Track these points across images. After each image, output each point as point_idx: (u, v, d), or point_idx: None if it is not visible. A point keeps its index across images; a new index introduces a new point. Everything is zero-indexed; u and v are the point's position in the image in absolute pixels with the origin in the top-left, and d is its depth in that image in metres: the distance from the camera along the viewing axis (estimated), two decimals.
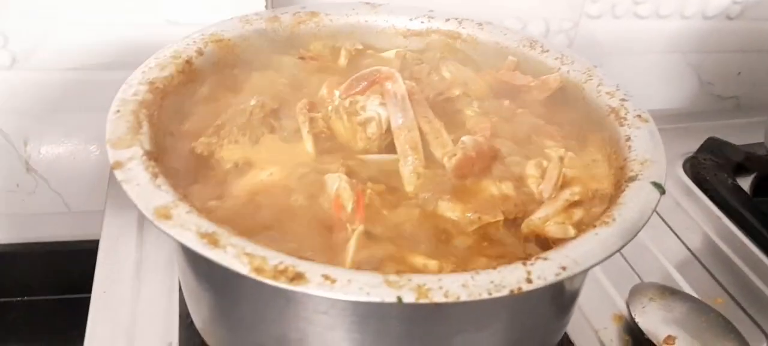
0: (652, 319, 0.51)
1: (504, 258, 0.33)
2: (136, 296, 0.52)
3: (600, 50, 0.82)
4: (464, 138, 0.38)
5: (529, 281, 0.28)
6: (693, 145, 0.75)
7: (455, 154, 0.36)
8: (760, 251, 0.61)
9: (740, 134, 0.75)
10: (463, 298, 0.27)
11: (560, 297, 0.37)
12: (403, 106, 0.38)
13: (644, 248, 0.62)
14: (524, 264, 0.29)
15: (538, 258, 0.29)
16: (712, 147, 0.72)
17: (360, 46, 0.50)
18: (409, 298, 0.27)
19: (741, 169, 0.72)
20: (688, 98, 0.89)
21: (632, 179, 0.36)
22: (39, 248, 0.78)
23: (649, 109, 0.88)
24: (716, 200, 0.67)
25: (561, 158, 0.37)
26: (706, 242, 0.63)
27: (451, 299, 0.27)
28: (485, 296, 0.27)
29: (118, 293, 0.52)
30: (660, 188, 0.34)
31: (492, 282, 0.28)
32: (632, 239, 0.32)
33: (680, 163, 0.73)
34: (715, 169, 0.70)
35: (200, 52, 0.46)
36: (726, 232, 0.64)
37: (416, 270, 0.32)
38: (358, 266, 0.31)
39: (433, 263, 0.32)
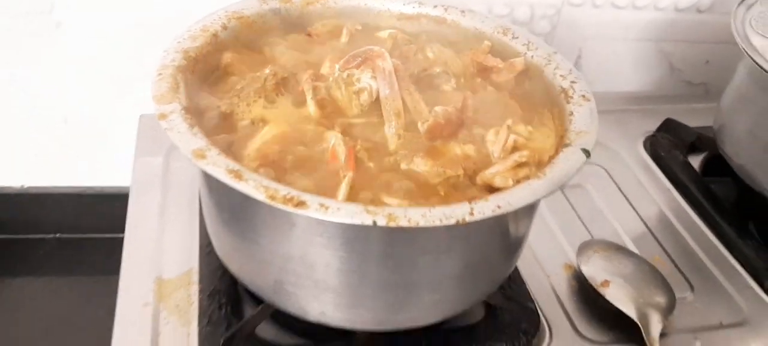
0: (594, 267, 0.61)
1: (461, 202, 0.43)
2: (161, 230, 0.62)
3: (580, 34, 0.90)
4: (437, 108, 0.47)
5: (472, 213, 0.38)
6: (656, 125, 0.84)
7: (428, 120, 0.46)
8: (700, 219, 0.71)
9: (702, 117, 0.84)
10: (422, 224, 0.37)
11: (506, 235, 0.47)
12: (390, 80, 0.48)
13: (600, 212, 0.72)
14: (470, 202, 0.38)
15: (480, 199, 0.39)
16: (669, 127, 0.81)
17: (359, 27, 0.59)
18: (381, 222, 0.37)
19: (694, 149, 0.81)
20: (660, 83, 0.97)
21: (567, 145, 0.45)
22: (70, 190, 0.88)
23: (623, 90, 0.98)
24: (668, 174, 0.77)
25: (509, 126, 0.46)
26: (656, 211, 0.73)
27: (412, 224, 0.37)
28: (437, 223, 0.37)
29: (147, 228, 0.62)
30: (587, 153, 0.44)
31: (444, 213, 0.37)
32: (557, 189, 0.41)
33: (641, 141, 0.83)
34: (670, 147, 0.79)
35: (224, 27, 0.55)
36: (674, 203, 0.74)
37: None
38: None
39: (404, 203, 0.42)
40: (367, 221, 0.37)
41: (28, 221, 0.89)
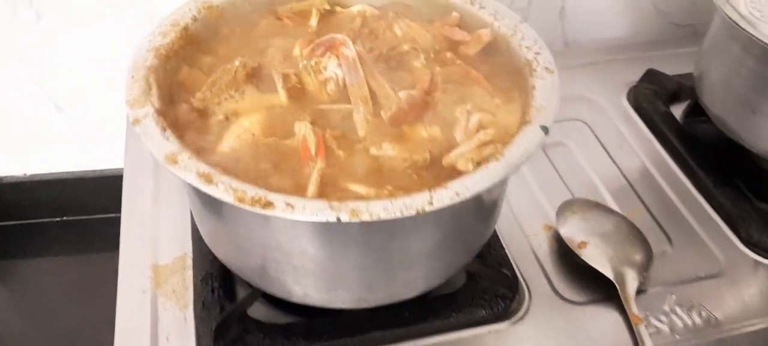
0: (571, 228, 0.63)
1: (427, 187, 0.45)
2: (156, 215, 0.65)
3: None
4: (400, 93, 0.48)
5: (431, 203, 0.40)
6: (640, 74, 0.84)
7: (391, 108, 0.47)
8: (680, 170, 0.72)
9: (687, 63, 0.84)
10: (383, 216, 0.39)
11: (475, 212, 0.49)
12: (354, 67, 0.49)
13: (580, 168, 0.73)
14: (430, 191, 0.40)
15: (440, 187, 0.41)
16: (651, 77, 0.81)
17: (328, 7, 0.60)
18: (344, 218, 0.39)
19: (677, 98, 0.81)
20: (646, 27, 0.96)
21: (527, 123, 0.46)
22: (71, 176, 0.91)
23: (609, 37, 0.97)
24: (650, 125, 0.77)
25: (469, 112, 0.47)
26: (637, 164, 0.74)
27: (374, 218, 0.39)
28: (398, 215, 0.39)
29: (142, 214, 0.65)
30: (545, 130, 0.45)
31: (404, 205, 0.39)
32: (514, 171, 0.43)
33: (625, 92, 0.83)
34: (652, 97, 0.79)
35: (195, 19, 0.56)
36: (655, 155, 0.75)
37: (360, 197, 0.44)
38: (318, 196, 0.43)
39: (371, 191, 0.44)
40: (331, 217, 0.39)
41: (34, 207, 0.93)
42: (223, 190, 0.40)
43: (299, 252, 0.45)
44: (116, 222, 0.65)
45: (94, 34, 0.74)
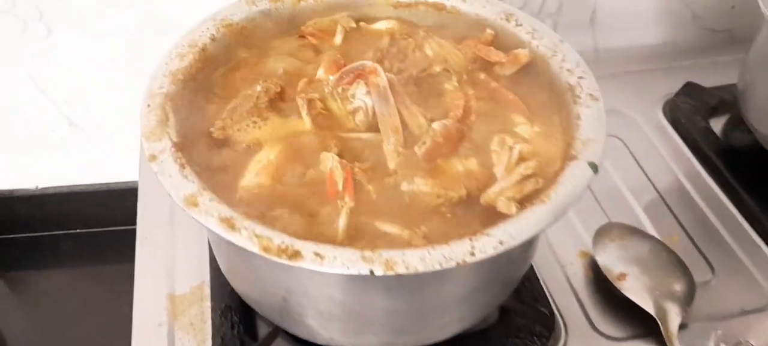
0: (610, 257, 0.59)
1: (463, 228, 0.41)
2: (172, 240, 0.62)
3: None
4: (434, 125, 0.45)
5: (473, 254, 0.36)
6: (677, 85, 0.80)
7: (425, 143, 0.44)
8: (722, 191, 0.68)
9: (726, 72, 0.79)
10: (421, 269, 0.36)
11: (517, 252, 0.45)
12: (385, 96, 0.45)
13: (616, 190, 0.69)
14: (470, 239, 0.37)
15: (481, 234, 0.37)
16: (689, 91, 0.77)
17: (354, 25, 0.56)
18: (378, 271, 0.35)
19: (716, 111, 0.77)
20: (680, 33, 0.92)
21: (573, 157, 0.43)
22: (83, 189, 0.89)
23: (642, 44, 0.93)
24: (689, 142, 0.73)
25: (507, 142, 0.44)
26: (675, 185, 0.70)
27: (411, 271, 0.35)
28: (437, 267, 0.36)
29: (158, 238, 0.62)
30: (594, 168, 0.41)
31: (443, 256, 0.36)
32: (562, 215, 0.39)
33: (660, 105, 0.79)
34: (690, 112, 0.75)
35: (213, 38, 0.52)
36: (694, 173, 0.71)
37: (390, 239, 0.41)
38: (348, 238, 0.40)
39: (405, 233, 0.41)
40: (364, 270, 0.36)
41: (46, 220, 0.91)
42: (246, 237, 0.37)
43: (326, 298, 0.42)
44: (127, 234, 0.63)
45: (106, 47, 0.71)
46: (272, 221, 0.41)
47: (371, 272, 0.35)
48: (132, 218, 0.64)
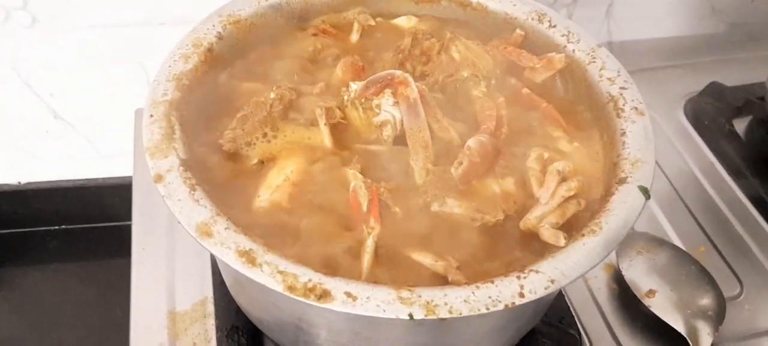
0: (636, 272, 0.56)
1: (502, 257, 0.38)
2: (172, 251, 0.58)
3: None
4: (470, 142, 0.41)
5: (522, 295, 0.33)
6: (698, 84, 0.77)
7: (462, 163, 0.40)
8: (748, 200, 0.65)
9: (748, 69, 0.77)
10: (465, 313, 0.32)
11: None
12: (415, 109, 0.41)
13: None
14: (518, 277, 0.33)
15: (530, 271, 0.34)
16: (713, 91, 0.74)
17: (373, 23, 0.52)
18: (418, 314, 0.32)
19: (740, 112, 0.74)
20: (699, 26, 0.89)
21: (622, 180, 0.39)
22: (70, 184, 0.83)
23: (660, 37, 0.89)
24: (712, 145, 0.70)
25: (545, 159, 0.40)
26: (697, 189, 0.67)
27: (454, 315, 0.32)
28: (483, 311, 0.32)
29: (157, 249, 0.58)
30: (646, 193, 0.38)
31: (490, 297, 0.33)
32: (615, 247, 0.36)
33: (682, 105, 0.76)
34: (714, 113, 0.72)
35: (220, 37, 0.48)
36: (719, 180, 0.68)
37: (423, 270, 0.37)
38: (374, 273, 0.36)
39: (440, 265, 0.37)
40: (402, 314, 0.32)
41: (30, 215, 0.86)
42: (269, 274, 0.33)
43: (350, 333, 0.38)
44: (115, 231, 0.59)
45: (94, 38, 0.66)
46: (292, 248, 0.37)
47: (410, 315, 0.32)
48: (120, 215, 0.60)
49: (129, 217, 0.60)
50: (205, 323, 0.52)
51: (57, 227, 0.90)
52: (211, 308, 0.53)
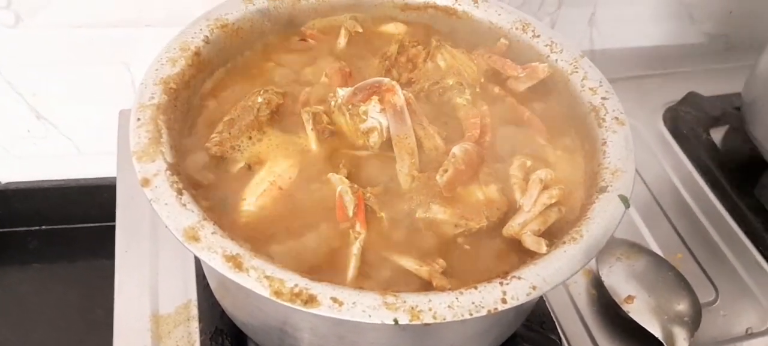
0: (616, 278, 0.57)
1: (485, 262, 0.39)
2: (155, 254, 0.57)
3: None
4: (455, 149, 0.42)
5: (504, 301, 0.33)
6: (677, 93, 0.78)
7: (447, 171, 0.40)
8: (724, 209, 0.67)
9: (725, 80, 0.78)
10: (449, 318, 0.33)
11: None
12: (402, 117, 0.42)
13: None
14: (501, 283, 0.34)
15: (512, 277, 0.34)
16: (692, 101, 0.75)
17: (360, 30, 0.52)
18: (403, 320, 0.32)
19: (717, 121, 0.76)
20: (678, 36, 0.90)
21: (603, 189, 0.40)
22: (52, 184, 0.83)
23: (640, 46, 0.91)
24: (689, 153, 0.72)
25: (542, 180, 0.41)
26: (675, 196, 0.69)
27: (438, 320, 0.32)
28: (467, 316, 0.33)
29: (140, 251, 0.57)
30: (626, 202, 0.39)
31: (473, 303, 0.33)
32: (595, 254, 0.37)
33: (661, 113, 0.77)
34: (692, 122, 0.74)
35: (207, 41, 0.48)
36: (696, 189, 0.69)
37: (408, 274, 0.37)
38: (361, 273, 0.37)
39: (424, 270, 0.38)
40: (387, 319, 0.32)
41: (12, 215, 0.84)
42: (255, 279, 0.33)
43: (336, 337, 0.39)
44: (97, 232, 0.59)
45: (78, 37, 0.65)
46: (277, 251, 0.38)
47: (395, 320, 0.32)
48: (102, 215, 0.59)
49: (111, 218, 0.60)
50: (188, 326, 0.52)
51: (38, 228, 0.88)
52: (195, 311, 0.53)
